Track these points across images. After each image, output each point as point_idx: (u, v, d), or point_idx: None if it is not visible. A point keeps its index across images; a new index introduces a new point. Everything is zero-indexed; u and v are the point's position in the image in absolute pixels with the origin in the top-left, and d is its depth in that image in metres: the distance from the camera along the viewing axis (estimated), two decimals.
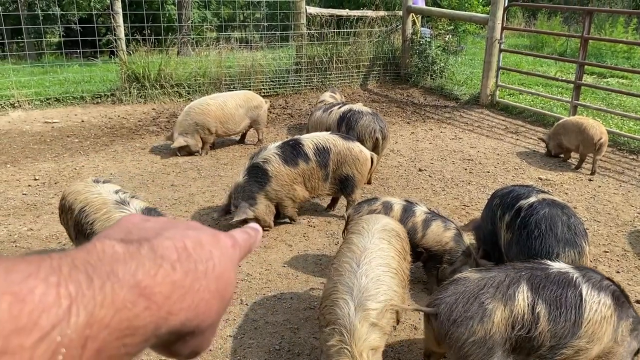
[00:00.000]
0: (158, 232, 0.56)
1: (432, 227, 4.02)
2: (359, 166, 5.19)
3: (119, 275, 0.47)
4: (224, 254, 0.58)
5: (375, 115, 6.20)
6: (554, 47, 16.44)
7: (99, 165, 6.83)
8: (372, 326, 2.74)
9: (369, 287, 2.85)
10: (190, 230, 0.58)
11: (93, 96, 9.67)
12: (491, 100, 9.90)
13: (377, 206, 4.15)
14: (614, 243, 5.03)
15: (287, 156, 4.89)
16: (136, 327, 0.47)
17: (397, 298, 2.96)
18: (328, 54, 11.09)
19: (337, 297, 2.83)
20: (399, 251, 3.21)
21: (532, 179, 6.59)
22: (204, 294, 0.53)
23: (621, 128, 8.35)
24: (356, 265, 2.96)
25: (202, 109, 6.99)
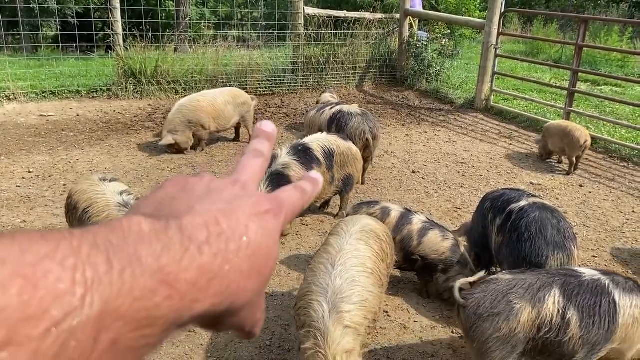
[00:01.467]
0: (192, 204, 0.51)
1: (429, 236, 4.01)
2: (357, 165, 5.31)
3: (142, 259, 0.43)
4: (262, 226, 0.53)
5: (365, 115, 6.22)
6: (550, 54, 16.57)
7: (94, 159, 6.84)
8: (346, 328, 2.73)
9: (344, 289, 2.85)
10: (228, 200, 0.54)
11: (89, 90, 9.68)
12: (486, 105, 9.97)
13: (375, 210, 4.17)
14: (603, 248, 5.09)
15: (303, 161, 4.91)
16: (156, 317, 0.43)
17: (373, 298, 2.96)
18: (325, 55, 11.13)
19: (311, 298, 2.84)
20: (377, 252, 3.21)
21: (524, 184, 6.65)
22: (235, 276, 0.49)
23: (613, 135, 8.44)
24: (331, 267, 2.96)
25: (195, 105, 7.01)
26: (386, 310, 3.96)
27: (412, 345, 3.61)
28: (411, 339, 3.67)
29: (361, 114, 6.20)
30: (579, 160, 7.07)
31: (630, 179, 6.97)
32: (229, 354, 3.46)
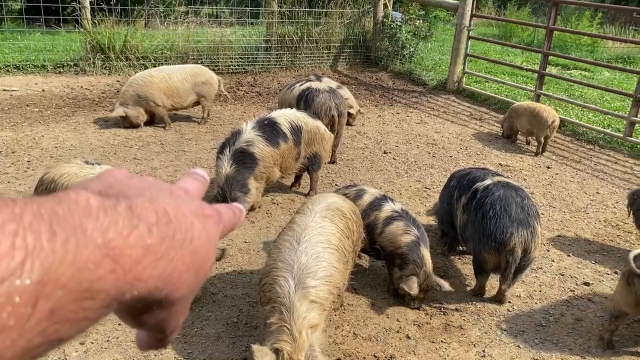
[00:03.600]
0: (141, 191, 0.52)
1: (391, 227, 3.80)
2: (324, 144, 5.25)
3: (87, 231, 0.43)
4: (205, 228, 0.54)
5: (332, 92, 6.18)
6: (522, 37, 16.73)
7: (59, 135, 6.67)
8: (312, 303, 2.74)
9: (309, 264, 2.84)
10: (175, 196, 0.55)
11: (55, 65, 9.41)
12: (458, 87, 10.03)
13: (351, 191, 4.14)
14: (567, 228, 5.21)
15: (269, 136, 4.80)
16: (97, 290, 0.42)
17: (337, 274, 2.97)
18: (299, 33, 11.02)
19: (277, 274, 2.83)
20: (342, 229, 3.20)
21: (493, 165, 6.74)
22: (178, 265, 0.49)
23: (580, 118, 8.59)
24: (296, 243, 2.95)
25: (145, 80, 6.84)
26: (355, 288, 3.99)
27: (378, 321, 3.65)
28: (378, 316, 3.70)
29: (328, 90, 6.16)
30: (547, 141, 7.19)
31: (595, 161, 7.12)
32: (195, 330, 3.45)
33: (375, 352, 3.37)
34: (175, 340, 3.34)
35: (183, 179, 0.64)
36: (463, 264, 4.47)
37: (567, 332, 3.67)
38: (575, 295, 4.09)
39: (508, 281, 3.67)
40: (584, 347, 3.53)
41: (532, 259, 3.69)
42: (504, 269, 3.68)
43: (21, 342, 0.39)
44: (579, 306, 3.96)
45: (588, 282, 4.27)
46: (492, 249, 3.63)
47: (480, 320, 3.73)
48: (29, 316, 0.39)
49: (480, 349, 3.45)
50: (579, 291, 4.15)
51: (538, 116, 7.00)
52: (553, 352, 3.47)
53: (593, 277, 4.37)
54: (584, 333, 3.66)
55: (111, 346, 3.24)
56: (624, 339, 3.63)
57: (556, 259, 4.61)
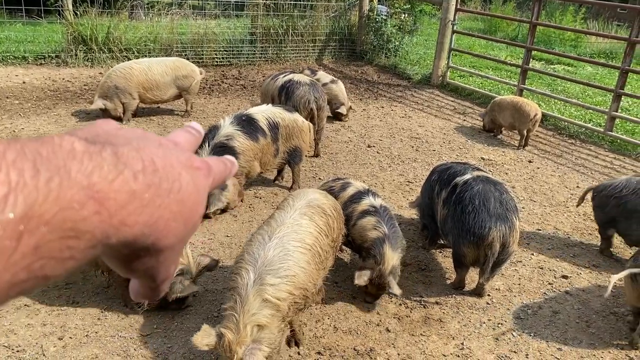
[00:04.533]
0: (128, 141, 0.51)
1: (363, 221, 3.78)
2: (304, 137, 5.25)
3: (71, 173, 0.43)
4: (194, 179, 0.55)
5: (313, 85, 6.18)
6: (507, 32, 16.82)
7: (40, 128, 6.60)
8: (265, 302, 2.70)
9: (274, 261, 2.81)
10: (164, 147, 0.54)
11: (36, 57, 9.29)
12: (442, 81, 10.07)
13: (336, 184, 4.15)
14: (547, 222, 5.27)
15: (248, 131, 4.77)
16: (82, 230, 0.43)
17: (304, 275, 2.90)
18: (284, 26, 10.98)
19: (241, 266, 2.83)
20: (321, 227, 3.16)
21: (475, 159, 6.79)
22: (164, 212, 0.50)
23: (563, 113, 8.68)
24: (268, 238, 2.92)
25: (124, 72, 6.75)
26: (336, 281, 4.01)
27: (359, 315, 3.67)
28: (358, 309, 3.73)
29: (309, 83, 6.16)
30: (529, 135, 7.27)
31: (577, 155, 7.20)
32: (175, 325, 3.45)
33: (355, 345, 3.39)
34: (155, 334, 3.34)
35: (175, 132, 0.64)
36: (444, 257, 4.51)
37: (544, 325, 3.72)
38: (553, 288, 4.15)
39: (486, 274, 3.71)
40: (561, 339, 3.58)
41: (510, 253, 3.73)
42: (482, 262, 3.72)
43: (6, 275, 0.40)
44: (557, 299, 4.02)
45: (566, 275, 4.33)
46: (470, 243, 3.67)
47: (459, 313, 3.77)
48: (14, 250, 0.40)
49: (459, 342, 3.49)
50: (557, 284, 4.21)
51: (520, 110, 7.07)
52: (530, 344, 3.52)
53: (571, 270, 4.43)
54: (561, 325, 3.72)
55: (90, 341, 3.23)
56: (600, 331, 3.69)
57: (536, 252, 4.67)
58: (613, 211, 4.49)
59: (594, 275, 4.36)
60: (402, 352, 3.36)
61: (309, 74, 7.94)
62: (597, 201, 4.68)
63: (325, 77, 7.97)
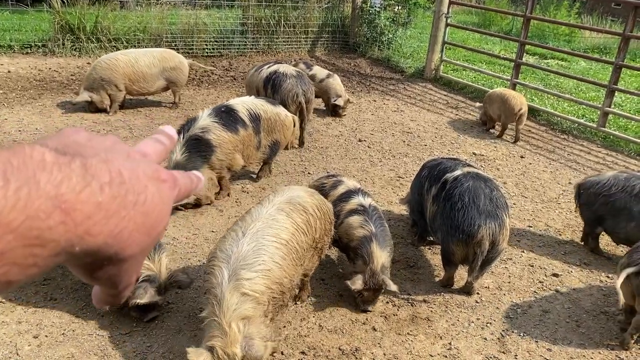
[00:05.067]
0: (97, 152, 0.53)
1: (350, 219, 3.67)
2: (285, 131, 5.15)
3: (40, 183, 0.44)
4: (159, 191, 0.56)
5: (300, 77, 6.07)
6: (501, 25, 16.73)
7: (24, 119, 6.45)
8: (244, 296, 2.62)
9: (248, 256, 2.72)
10: (132, 159, 0.56)
11: (22, 46, 9.09)
12: (435, 75, 9.97)
13: (329, 181, 4.03)
14: (538, 218, 5.20)
15: (226, 122, 4.62)
16: (47, 239, 0.45)
17: (278, 270, 2.82)
18: (276, 17, 10.82)
19: (214, 264, 2.73)
20: (299, 225, 3.06)
21: (467, 154, 6.71)
22: (129, 224, 0.51)
23: (556, 108, 8.60)
24: (242, 233, 2.83)
25: (110, 64, 6.58)
26: (323, 279, 3.92)
27: (344, 313, 3.59)
28: (344, 307, 3.64)
29: (296, 75, 6.05)
30: (519, 128, 7.24)
31: (569, 151, 7.14)
32: (156, 323, 3.35)
33: (341, 344, 3.31)
34: (134, 332, 3.25)
35: (144, 142, 0.65)
36: (433, 254, 4.43)
37: (534, 324, 3.65)
38: (543, 287, 4.08)
39: (475, 273, 3.63)
40: (550, 339, 3.52)
41: (500, 251, 3.66)
42: (471, 260, 3.64)
43: None
44: (547, 298, 3.95)
45: (557, 273, 4.26)
46: (459, 241, 3.59)
47: (447, 312, 3.70)
48: None
49: (447, 342, 3.42)
50: (548, 282, 4.14)
51: (506, 103, 7.10)
52: (520, 344, 3.45)
53: (562, 268, 4.37)
54: (550, 325, 3.65)
55: (66, 339, 3.13)
56: (590, 331, 3.63)
57: (526, 250, 4.60)
58: (601, 209, 4.41)
59: (585, 274, 4.30)
60: (388, 352, 3.28)
61: (304, 68, 7.82)
62: (584, 198, 4.58)
63: (321, 72, 7.83)
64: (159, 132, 0.69)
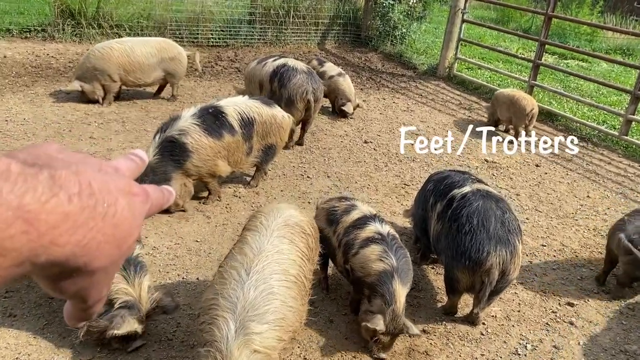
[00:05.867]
0: (68, 164, 0.52)
1: (367, 250, 3.19)
2: (282, 134, 4.80)
3: (2, 193, 0.45)
4: (130, 204, 0.56)
5: (310, 73, 5.70)
6: (520, 22, 16.18)
7: (13, 108, 6.14)
8: (255, 353, 2.28)
9: (257, 304, 2.35)
10: (104, 172, 0.56)
11: (21, 30, 8.79)
12: (449, 73, 9.54)
13: (341, 205, 3.52)
14: (553, 236, 4.80)
15: (209, 126, 4.23)
16: (8, 248, 0.45)
17: (292, 315, 2.47)
18: (285, 7, 10.43)
19: (216, 313, 2.35)
20: (303, 251, 2.72)
21: (479, 160, 6.31)
22: (97, 235, 0.52)
23: (575, 113, 8.15)
24: (245, 274, 2.44)
25: (104, 53, 6.23)
26: (313, 301, 3.54)
27: (334, 343, 3.23)
28: (334, 336, 3.29)
29: (306, 71, 5.68)
30: (529, 129, 6.94)
31: (588, 160, 6.70)
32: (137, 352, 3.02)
33: None
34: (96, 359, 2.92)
35: (117, 158, 0.66)
36: (436, 274, 4.06)
37: None
38: (557, 318, 3.70)
39: (482, 304, 3.25)
40: None
41: (510, 281, 3.28)
42: (478, 290, 3.27)
43: None
44: (560, 331, 3.57)
45: (572, 302, 3.88)
46: (465, 268, 3.21)
47: (448, 345, 3.33)
48: None
49: None
50: (562, 312, 3.76)
51: (517, 104, 6.80)
52: None
53: (578, 296, 3.98)
54: None
55: None
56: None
57: (539, 273, 4.21)
58: None
59: (604, 304, 3.91)
60: None
61: (316, 65, 7.43)
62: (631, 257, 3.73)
63: (332, 69, 7.40)
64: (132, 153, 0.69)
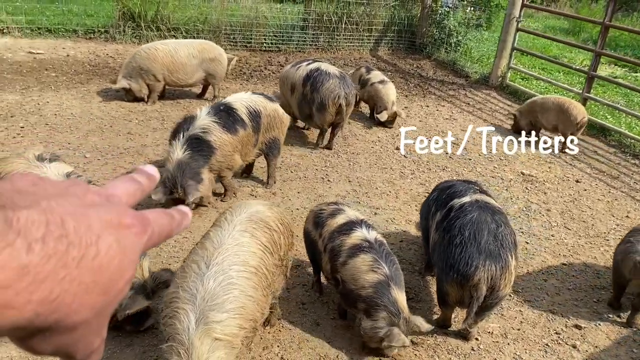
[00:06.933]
0: (38, 200, 0.45)
1: (356, 259, 3.10)
2: (283, 128, 4.98)
3: None
4: (119, 240, 0.49)
5: (343, 78, 5.74)
6: (591, 33, 15.42)
7: (64, 103, 6.56)
8: (216, 341, 2.33)
9: (216, 294, 2.40)
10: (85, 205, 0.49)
11: (86, 31, 9.37)
12: (501, 83, 9.26)
13: (328, 209, 3.51)
14: (577, 255, 4.56)
15: (226, 123, 4.42)
16: None
17: (252, 304, 2.52)
18: (339, 13, 10.50)
19: (177, 306, 2.40)
20: (265, 245, 2.75)
21: (515, 173, 6.09)
22: (71, 286, 0.44)
23: (631, 129, 7.68)
24: (205, 266, 2.50)
25: (149, 53, 6.53)
26: (303, 302, 3.59)
27: (314, 345, 3.23)
28: (317, 339, 3.29)
29: (339, 76, 5.73)
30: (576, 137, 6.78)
31: (636, 179, 6.31)
32: None
33: None
34: None
35: (115, 181, 0.59)
36: None
37: None
38: (559, 339, 3.52)
39: (469, 320, 3.14)
40: None
41: (501, 297, 3.15)
42: (467, 304, 3.17)
43: None
44: (560, 353, 3.39)
45: (580, 324, 3.67)
46: (453, 281, 3.12)
47: (434, 358, 3.25)
48: None
49: None
50: (566, 335, 3.57)
51: (567, 112, 6.58)
52: None
53: (589, 318, 3.76)
54: None
55: None
56: None
57: (551, 292, 4.01)
58: None
59: (616, 330, 3.67)
60: None
61: (364, 72, 7.40)
62: None
63: (377, 76, 7.27)
64: (139, 170, 0.62)
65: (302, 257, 3.97)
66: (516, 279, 4.00)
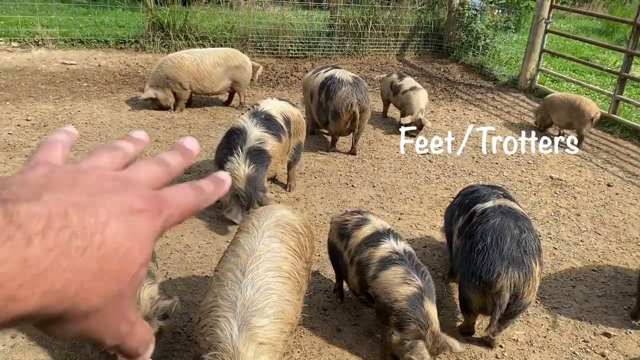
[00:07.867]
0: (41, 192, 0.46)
1: (387, 272, 3.04)
2: (304, 132, 5.10)
3: None
4: (129, 226, 0.48)
5: (356, 85, 5.72)
6: (625, 33, 15.03)
7: (95, 112, 6.73)
8: (261, 346, 2.35)
9: (256, 300, 2.43)
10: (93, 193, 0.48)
11: (117, 41, 9.60)
12: (530, 85, 9.10)
13: (353, 219, 3.43)
14: (607, 261, 4.44)
15: (272, 131, 4.53)
16: None
17: (290, 308, 2.56)
18: (364, 19, 10.51)
19: (217, 314, 2.42)
20: (294, 249, 2.78)
21: (543, 177, 5.97)
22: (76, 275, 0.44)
23: None
24: (240, 274, 2.53)
25: (175, 62, 6.66)
26: (325, 308, 3.59)
27: (335, 352, 3.22)
28: (338, 345, 3.28)
29: (352, 82, 5.72)
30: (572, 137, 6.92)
31: None
32: None
33: None
34: None
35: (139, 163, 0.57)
36: None
37: None
38: (587, 347, 3.43)
39: (492, 327, 3.09)
40: None
41: (525, 304, 3.09)
42: (490, 311, 3.12)
43: None
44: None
45: (610, 332, 3.57)
46: (476, 288, 3.08)
47: None
48: None
49: None
50: (595, 343, 3.47)
51: (580, 108, 6.57)
52: None
53: (619, 326, 3.66)
54: None
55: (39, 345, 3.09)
56: None
57: (580, 300, 3.92)
58: None
59: None
60: None
61: (396, 78, 7.26)
62: None
63: (409, 83, 7.08)
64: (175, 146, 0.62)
65: (324, 262, 3.97)
66: (543, 285, 3.93)
